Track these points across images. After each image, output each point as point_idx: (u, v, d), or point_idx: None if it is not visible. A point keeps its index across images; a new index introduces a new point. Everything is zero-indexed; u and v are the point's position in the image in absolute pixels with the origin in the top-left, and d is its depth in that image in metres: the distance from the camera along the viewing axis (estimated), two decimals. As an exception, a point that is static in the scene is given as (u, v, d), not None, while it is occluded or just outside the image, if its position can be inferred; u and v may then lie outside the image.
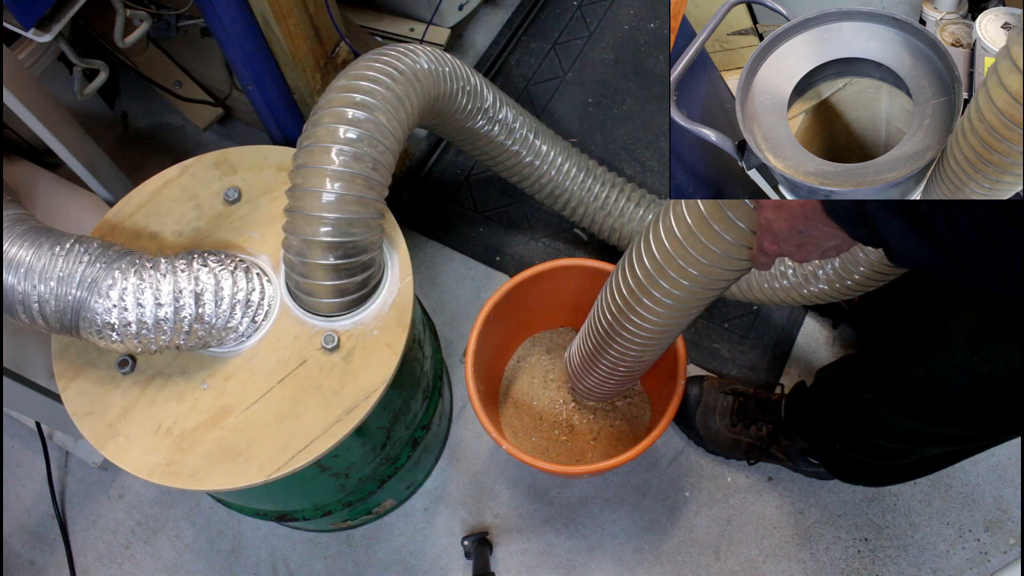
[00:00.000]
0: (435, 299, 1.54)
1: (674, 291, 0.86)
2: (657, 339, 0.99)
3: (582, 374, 1.19)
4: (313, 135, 0.91)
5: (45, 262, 0.83)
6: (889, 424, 1.00)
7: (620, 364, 1.07)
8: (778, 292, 1.18)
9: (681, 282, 0.85)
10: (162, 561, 1.38)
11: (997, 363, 0.82)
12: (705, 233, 0.79)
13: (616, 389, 1.23)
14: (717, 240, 0.78)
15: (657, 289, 0.88)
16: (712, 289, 0.86)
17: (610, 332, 1.01)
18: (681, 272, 0.84)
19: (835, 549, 1.34)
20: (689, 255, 0.81)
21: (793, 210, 0.66)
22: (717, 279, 0.83)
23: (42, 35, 0.96)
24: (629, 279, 0.92)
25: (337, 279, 0.92)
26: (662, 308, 0.90)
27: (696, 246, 0.80)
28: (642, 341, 0.99)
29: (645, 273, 0.88)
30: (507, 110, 1.25)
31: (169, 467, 0.89)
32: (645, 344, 1.00)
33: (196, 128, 1.66)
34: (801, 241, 0.69)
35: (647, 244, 0.87)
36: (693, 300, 0.88)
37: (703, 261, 0.81)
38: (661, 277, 0.86)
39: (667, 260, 0.85)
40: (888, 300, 1.24)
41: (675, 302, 0.88)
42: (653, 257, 0.86)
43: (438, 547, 1.36)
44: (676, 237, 0.82)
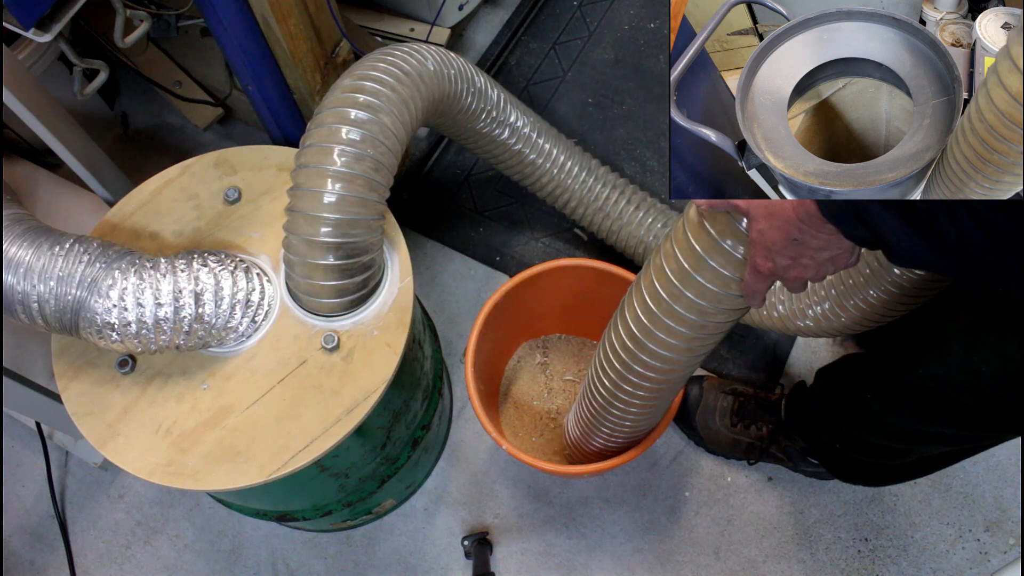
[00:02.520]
0: (435, 299, 1.54)
1: (668, 339, 0.83)
2: (657, 397, 0.96)
3: (584, 437, 1.16)
4: (315, 135, 0.91)
5: (45, 262, 0.83)
6: (889, 424, 1.00)
7: (623, 425, 1.04)
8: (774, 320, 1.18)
9: (674, 328, 0.82)
10: (162, 561, 1.38)
11: (996, 363, 0.82)
12: (697, 268, 0.76)
13: (623, 446, 1.18)
14: (710, 275, 0.75)
15: (651, 340, 0.85)
16: (706, 333, 0.83)
17: (617, 381, 0.96)
18: (673, 316, 0.81)
19: (835, 549, 1.34)
20: (682, 296, 0.79)
21: (786, 216, 0.64)
22: (710, 320, 0.80)
23: (42, 35, 0.96)
24: (623, 336, 0.89)
25: (337, 279, 0.92)
26: (660, 362, 0.87)
27: (689, 284, 0.78)
28: (642, 400, 0.96)
29: (637, 323, 0.86)
30: (512, 109, 1.25)
31: (169, 467, 0.89)
32: (645, 402, 0.97)
33: (196, 128, 1.66)
34: (796, 253, 0.67)
35: (638, 290, 0.85)
36: (685, 348, 0.85)
37: (697, 301, 0.78)
38: (653, 326, 0.83)
39: (658, 303, 0.81)
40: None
41: (670, 351, 0.85)
42: (644, 302, 0.83)
43: (438, 547, 1.36)
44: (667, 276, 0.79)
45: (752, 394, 1.35)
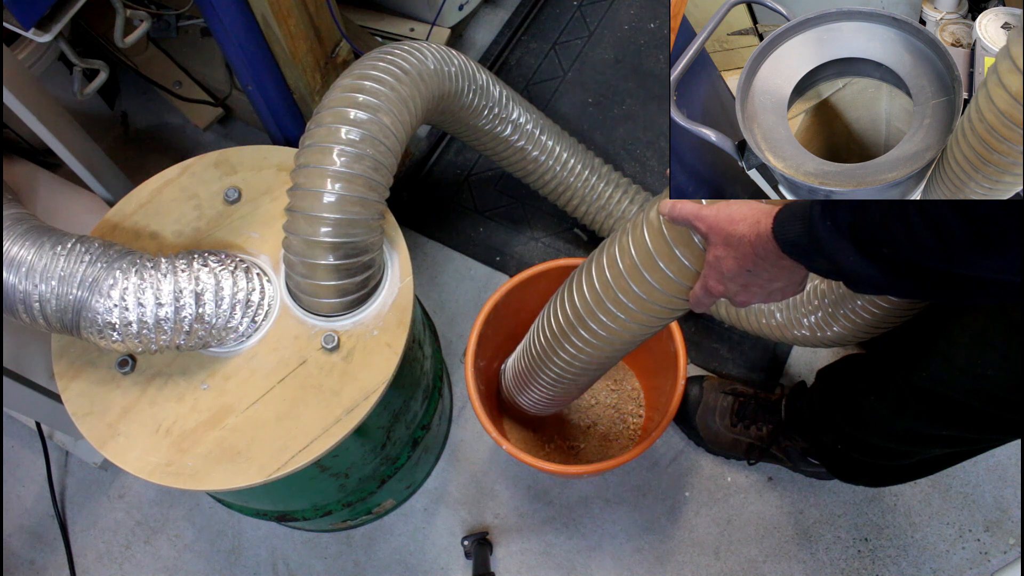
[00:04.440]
0: (435, 299, 1.54)
1: (611, 324, 0.87)
2: (590, 370, 1.00)
3: (516, 391, 1.21)
4: (315, 135, 0.91)
5: (46, 261, 0.83)
6: (891, 425, 1.00)
7: (554, 386, 1.08)
8: (772, 329, 1.20)
9: (618, 316, 0.86)
10: (162, 561, 1.38)
11: (1001, 366, 0.82)
12: (648, 268, 0.79)
13: (548, 409, 1.23)
14: (660, 277, 0.79)
15: (594, 321, 0.89)
16: (647, 326, 0.87)
17: (544, 356, 1.02)
18: (618, 306, 0.85)
19: (835, 549, 1.34)
20: (630, 290, 0.82)
21: (744, 250, 0.67)
22: (653, 316, 0.84)
23: (42, 35, 0.96)
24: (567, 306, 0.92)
25: (337, 279, 0.92)
26: (597, 340, 0.91)
27: (638, 281, 0.81)
28: (576, 369, 1.00)
29: (583, 303, 0.89)
30: (515, 106, 1.24)
31: (169, 467, 0.89)
32: (578, 372, 1.00)
33: (196, 128, 1.66)
34: (747, 281, 0.70)
35: (588, 274, 0.88)
36: (628, 335, 0.89)
37: (643, 297, 0.82)
38: (598, 309, 0.87)
39: (606, 291, 0.85)
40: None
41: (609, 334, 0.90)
42: (593, 287, 0.87)
43: (438, 547, 1.36)
44: (619, 268, 0.83)
45: (752, 394, 1.35)
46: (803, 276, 0.70)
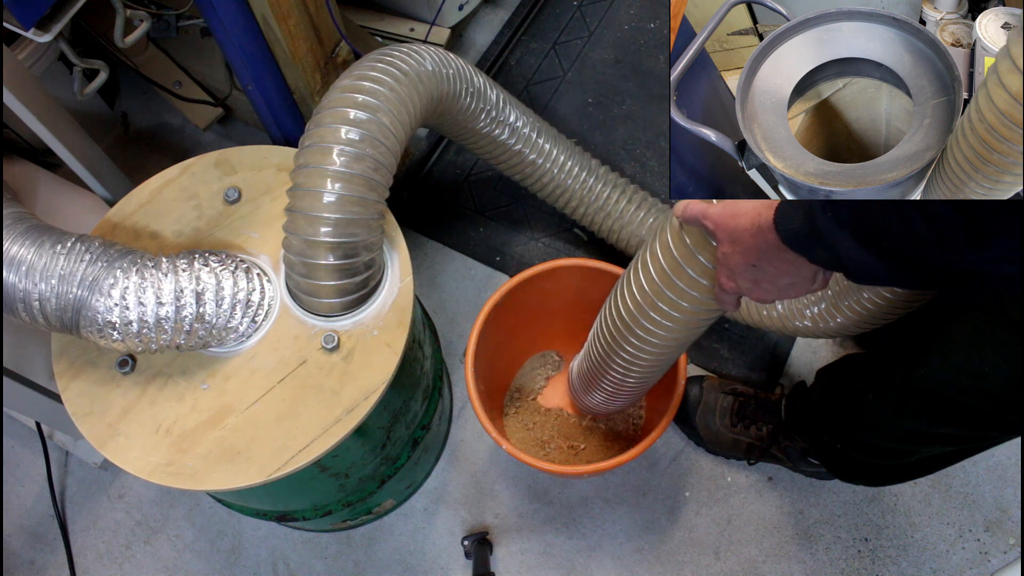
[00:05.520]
0: (435, 299, 1.54)
1: (665, 322, 0.89)
2: (659, 361, 1.00)
3: (583, 393, 1.21)
4: (315, 135, 0.91)
5: (46, 260, 0.83)
6: (891, 424, 1.00)
7: (624, 384, 1.08)
8: (773, 320, 1.21)
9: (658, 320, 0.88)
10: (162, 561, 1.38)
11: (1000, 364, 0.82)
12: (674, 271, 0.81)
13: (621, 407, 1.23)
14: (686, 279, 0.80)
15: (647, 321, 0.90)
16: (689, 328, 0.89)
17: (609, 354, 1.02)
18: (656, 310, 0.87)
19: (835, 549, 1.34)
20: (663, 293, 0.84)
21: (747, 242, 0.67)
22: (690, 317, 0.86)
23: (42, 35, 0.96)
24: (621, 308, 0.94)
25: (337, 279, 0.92)
26: (655, 338, 0.92)
27: (668, 284, 0.83)
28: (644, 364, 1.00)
29: (627, 310, 0.92)
30: (511, 109, 1.25)
31: (169, 467, 0.89)
32: (647, 366, 1.01)
33: (196, 128, 1.66)
34: (755, 276, 0.70)
35: (627, 281, 0.91)
36: (671, 338, 0.91)
37: (675, 299, 0.84)
38: (651, 309, 0.89)
39: (644, 297, 0.88)
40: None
41: (658, 340, 0.92)
42: (633, 294, 0.90)
43: (438, 547, 1.36)
44: (651, 273, 0.85)
45: (752, 394, 1.35)
46: (812, 272, 0.68)
